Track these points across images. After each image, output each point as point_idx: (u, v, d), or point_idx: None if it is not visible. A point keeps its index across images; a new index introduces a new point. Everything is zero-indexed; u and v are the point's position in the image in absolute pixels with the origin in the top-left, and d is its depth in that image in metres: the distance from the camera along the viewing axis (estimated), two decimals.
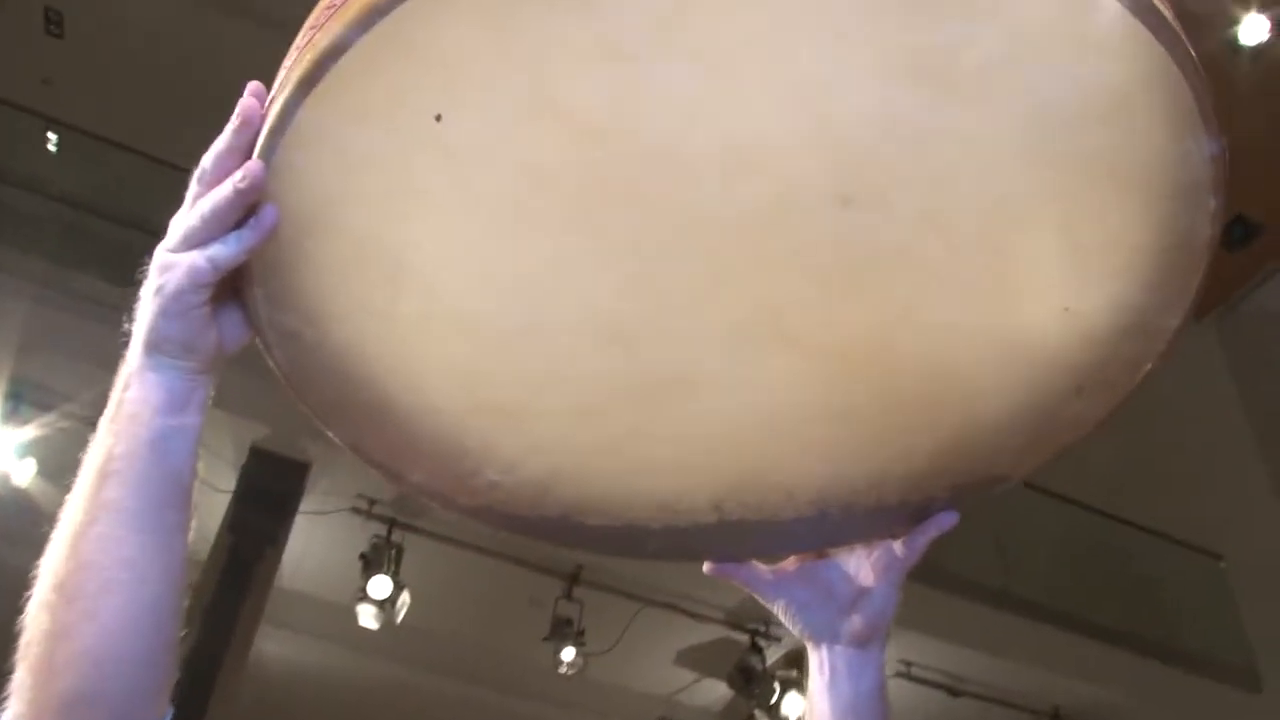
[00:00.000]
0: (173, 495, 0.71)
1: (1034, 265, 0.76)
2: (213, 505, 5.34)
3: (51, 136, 6.06)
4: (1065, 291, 0.77)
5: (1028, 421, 0.84)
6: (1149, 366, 0.81)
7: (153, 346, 0.70)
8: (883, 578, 0.89)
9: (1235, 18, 5.86)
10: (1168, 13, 0.63)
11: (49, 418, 4.77)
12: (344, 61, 0.61)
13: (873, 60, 0.64)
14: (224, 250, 0.67)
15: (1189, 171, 0.70)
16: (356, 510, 5.61)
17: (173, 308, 0.69)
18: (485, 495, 0.86)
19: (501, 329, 0.77)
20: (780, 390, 0.81)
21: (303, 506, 5.47)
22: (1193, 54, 0.64)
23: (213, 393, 0.75)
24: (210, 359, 0.73)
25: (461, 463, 0.84)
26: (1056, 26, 0.63)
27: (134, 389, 0.70)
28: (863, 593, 0.89)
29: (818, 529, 0.90)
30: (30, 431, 4.96)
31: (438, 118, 0.64)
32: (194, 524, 0.73)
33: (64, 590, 0.66)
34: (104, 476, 0.68)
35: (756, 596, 0.93)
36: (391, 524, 5.62)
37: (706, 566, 0.92)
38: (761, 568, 0.92)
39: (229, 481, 5.33)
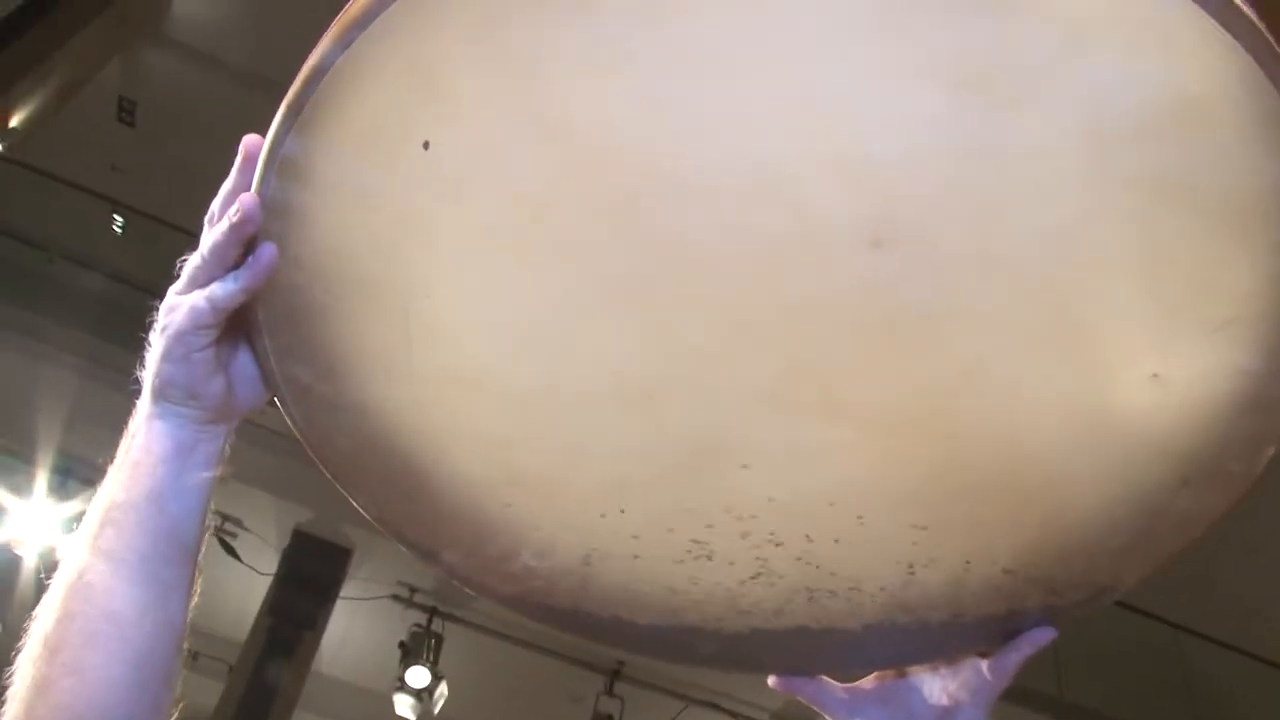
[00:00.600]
0: (171, 551, 0.68)
1: (1109, 319, 0.64)
2: (254, 587, 5.34)
3: (117, 219, 6.23)
4: (1152, 353, 0.65)
5: (1127, 517, 0.72)
6: (1271, 450, 0.67)
7: (158, 392, 0.68)
8: (969, 701, 0.80)
9: None
10: (1244, 6, 0.54)
11: (95, 493, 4.80)
12: (328, 86, 0.58)
13: (903, 68, 0.55)
14: (223, 289, 0.65)
15: (1267, 183, 0.57)
16: (397, 598, 5.57)
17: (176, 350, 0.67)
18: (523, 582, 0.81)
19: (518, 388, 0.71)
20: (830, 469, 0.72)
21: (344, 592, 5.44)
22: None
23: (228, 450, 0.72)
24: (220, 409, 0.70)
25: (494, 542, 0.78)
26: (1114, 21, 0.54)
27: (140, 437, 0.69)
28: (949, 716, 0.81)
29: (890, 641, 0.81)
30: (77, 506, 5.00)
31: (425, 145, 0.60)
32: (199, 589, 0.71)
33: (49, 642, 0.63)
34: (102, 525, 0.66)
35: (827, 716, 0.84)
36: (432, 613, 5.57)
37: (772, 680, 0.84)
38: (834, 684, 0.84)
39: (271, 564, 5.33)
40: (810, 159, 0.59)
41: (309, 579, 5.32)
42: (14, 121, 4.35)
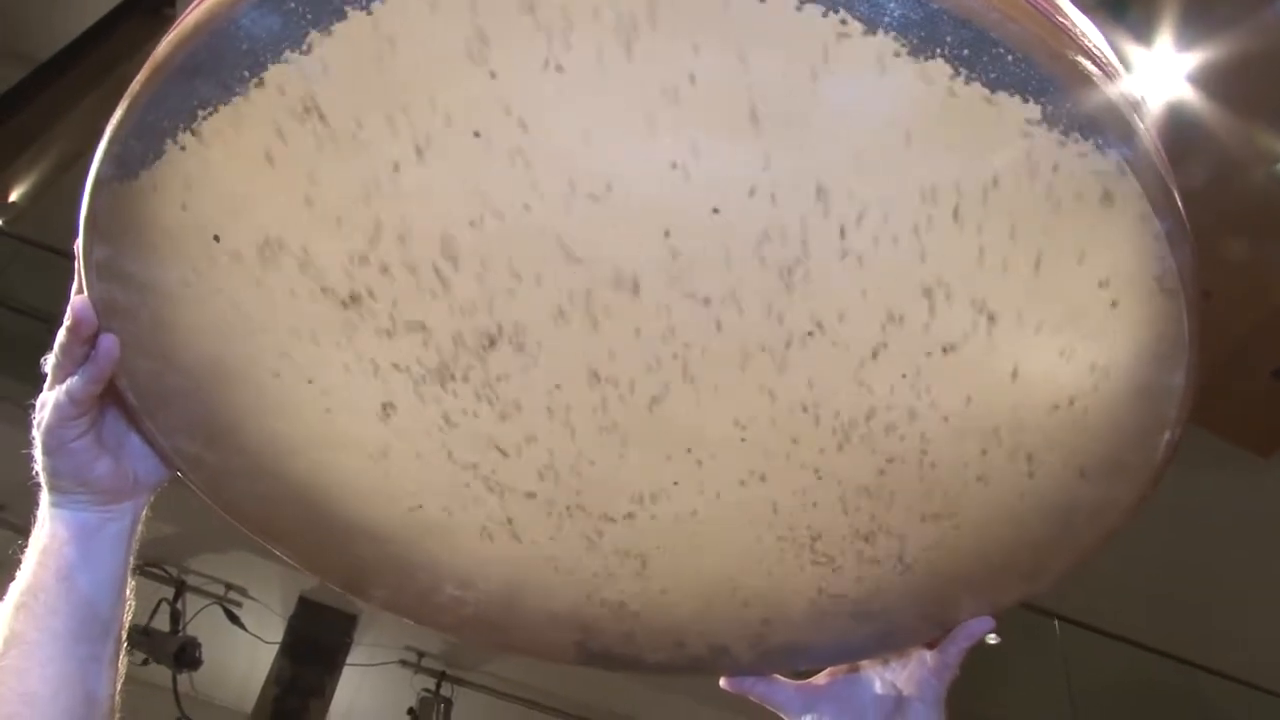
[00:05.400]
0: (85, 629, 0.70)
1: (946, 330, 0.61)
2: (259, 657, 5.27)
3: None
4: (1006, 356, 0.62)
5: (1029, 511, 0.72)
6: (1167, 436, 0.66)
7: (50, 485, 0.73)
8: (917, 694, 0.81)
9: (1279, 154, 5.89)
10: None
11: None
12: (114, 196, 0.59)
13: (628, 105, 0.53)
14: (76, 384, 0.68)
15: (1087, 174, 0.53)
16: (405, 663, 5.51)
17: (50, 444, 0.71)
18: (455, 612, 0.83)
19: (385, 450, 0.72)
20: (703, 497, 0.72)
21: (350, 658, 5.38)
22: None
23: (139, 526, 0.75)
24: (115, 489, 0.73)
25: (416, 578, 0.80)
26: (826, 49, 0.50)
27: (46, 524, 0.72)
28: (899, 712, 0.81)
29: (829, 640, 0.81)
30: None
31: (216, 238, 0.61)
32: (124, 663, 0.73)
33: None
34: (15, 610, 0.69)
35: (779, 713, 0.85)
36: (441, 677, 5.50)
37: (723, 681, 0.86)
38: (785, 682, 0.85)
39: (276, 632, 5.27)
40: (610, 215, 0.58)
41: (315, 646, 5.26)
42: (14, 196, 4.38)
